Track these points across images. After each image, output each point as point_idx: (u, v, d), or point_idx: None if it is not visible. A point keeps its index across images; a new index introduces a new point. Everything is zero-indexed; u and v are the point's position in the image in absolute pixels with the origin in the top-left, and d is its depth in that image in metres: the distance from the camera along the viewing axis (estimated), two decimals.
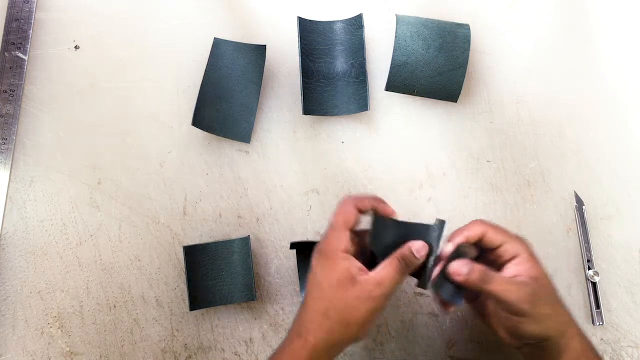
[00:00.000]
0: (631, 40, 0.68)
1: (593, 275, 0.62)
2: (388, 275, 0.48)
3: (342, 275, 0.48)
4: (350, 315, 0.47)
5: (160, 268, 0.60)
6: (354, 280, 0.48)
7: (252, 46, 0.62)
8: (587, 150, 0.66)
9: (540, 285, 0.48)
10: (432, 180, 0.64)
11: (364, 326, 0.48)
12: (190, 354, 0.59)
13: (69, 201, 0.60)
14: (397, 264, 0.48)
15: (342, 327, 0.47)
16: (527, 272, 0.48)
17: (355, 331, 0.48)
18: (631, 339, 0.62)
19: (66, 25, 0.64)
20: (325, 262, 0.49)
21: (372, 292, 0.47)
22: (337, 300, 0.48)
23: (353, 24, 0.64)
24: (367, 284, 0.47)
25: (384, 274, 0.48)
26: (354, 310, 0.47)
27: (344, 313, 0.47)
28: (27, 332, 0.58)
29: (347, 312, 0.47)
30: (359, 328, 0.48)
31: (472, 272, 0.47)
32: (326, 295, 0.48)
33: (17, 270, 0.59)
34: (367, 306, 0.47)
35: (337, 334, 0.48)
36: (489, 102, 0.66)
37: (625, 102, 0.67)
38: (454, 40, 0.61)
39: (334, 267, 0.48)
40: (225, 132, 0.61)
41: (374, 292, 0.47)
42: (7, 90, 0.61)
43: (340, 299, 0.47)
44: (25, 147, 0.61)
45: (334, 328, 0.47)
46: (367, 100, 0.61)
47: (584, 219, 0.64)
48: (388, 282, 0.48)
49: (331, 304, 0.48)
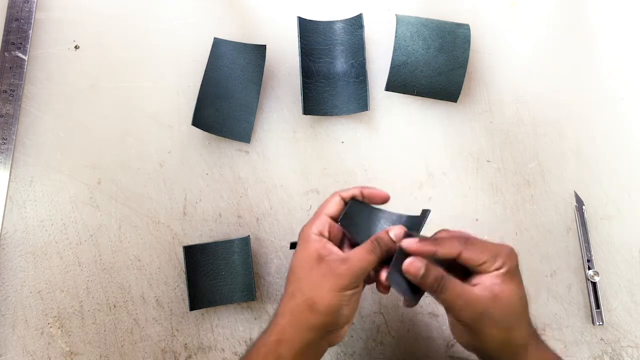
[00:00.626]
0: (631, 40, 0.68)
1: (593, 275, 0.62)
2: (356, 253, 0.46)
3: (310, 255, 0.47)
4: (314, 294, 0.45)
5: (160, 268, 0.60)
6: (321, 259, 0.46)
7: (252, 46, 0.62)
8: (587, 150, 0.66)
9: (498, 305, 0.45)
10: (432, 180, 0.64)
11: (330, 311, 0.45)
12: (190, 354, 0.59)
13: (69, 201, 0.60)
14: (370, 245, 0.47)
15: (307, 308, 0.45)
16: (492, 287, 0.45)
17: (323, 318, 0.45)
18: (631, 339, 0.62)
19: (66, 25, 0.64)
20: (300, 246, 0.48)
21: (337, 269, 0.45)
22: (302, 279, 0.46)
23: (353, 24, 0.64)
24: (333, 261, 0.46)
25: (353, 252, 0.47)
26: (318, 289, 0.45)
27: (308, 292, 0.46)
28: (27, 332, 0.58)
29: (311, 291, 0.45)
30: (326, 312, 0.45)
31: (427, 274, 0.45)
32: (295, 276, 0.47)
33: (17, 270, 0.59)
34: (331, 283, 0.45)
35: (303, 317, 0.46)
36: (489, 102, 0.66)
37: (626, 102, 0.67)
38: (454, 40, 0.61)
39: (306, 248, 0.47)
40: (225, 132, 0.61)
41: (339, 268, 0.45)
42: (7, 90, 0.61)
43: (306, 278, 0.46)
44: (25, 147, 0.61)
45: (300, 309, 0.46)
46: (367, 100, 0.61)
47: (584, 219, 0.64)
48: (355, 260, 0.46)
49: (297, 284, 0.47)
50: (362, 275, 0.46)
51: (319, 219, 0.49)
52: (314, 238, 0.48)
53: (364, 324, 0.60)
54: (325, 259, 0.46)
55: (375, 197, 0.51)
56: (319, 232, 0.48)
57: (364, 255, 0.46)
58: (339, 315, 0.46)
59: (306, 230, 0.49)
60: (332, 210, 0.50)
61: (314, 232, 0.48)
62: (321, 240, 0.48)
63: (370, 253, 0.46)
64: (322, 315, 0.45)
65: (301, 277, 0.47)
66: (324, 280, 0.45)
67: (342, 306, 0.45)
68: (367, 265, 0.46)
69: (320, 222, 0.49)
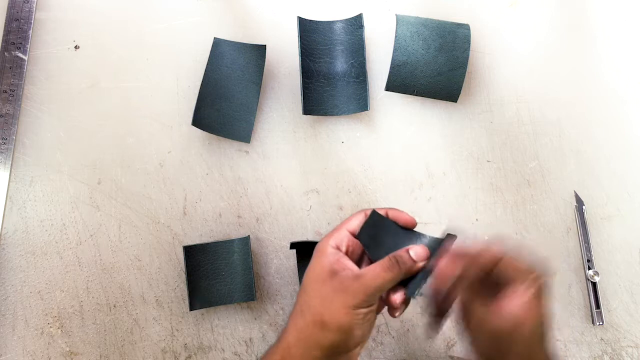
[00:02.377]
0: (631, 40, 0.68)
1: (593, 275, 0.62)
2: (372, 270, 0.43)
3: (323, 269, 0.44)
4: (324, 311, 0.42)
5: (160, 268, 0.60)
6: (334, 274, 0.43)
7: (252, 46, 0.62)
8: (587, 150, 0.66)
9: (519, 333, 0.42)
10: (432, 180, 0.64)
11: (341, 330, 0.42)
12: (190, 354, 0.59)
13: (69, 201, 0.60)
14: (388, 263, 0.44)
15: (316, 326, 0.43)
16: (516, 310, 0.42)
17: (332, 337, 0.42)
18: (631, 339, 0.62)
19: (66, 25, 0.64)
20: (314, 259, 0.46)
21: (350, 285, 0.42)
22: (313, 294, 0.43)
23: (353, 24, 0.64)
24: (346, 277, 0.43)
25: (368, 268, 0.43)
26: (328, 305, 0.42)
27: (318, 308, 0.43)
28: (27, 332, 0.58)
29: (321, 307, 0.43)
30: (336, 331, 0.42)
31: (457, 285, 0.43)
32: (305, 291, 0.44)
33: (17, 270, 0.59)
34: (343, 300, 0.42)
35: (311, 335, 0.43)
36: (489, 102, 0.66)
37: (626, 101, 0.67)
38: (454, 40, 0.61)
39: (320, 262, 0.45)
40: (225, 132, 0.61)
41: (352, 285, 0.42)
42: (7, 90, 0.61)
43: (316, 293, 0.43)
44: (25, 147, 0.61)
45: (308, 327, 0.43)
46: (367, 100, 0.61)
47: (584, 219, 0.64)
48: (370, 277, 0.42)
49: (306, 300, 0.44)
50: (376, 293, 0.43)
51: (337, 232, 0.46)
52: (329, 251, 0.45)
53: None
54: (338, 274, 0.43)
55: (400, 220, 0.48)
56: (336, 246, 0.45)
57: (380, 273, 0.43)
58: (350, 336, 0.43)
59: (322, 243, 0.46)
60: (353, 225, 0.47)
61: (331, 244, 0.45)
62: (336, 253, 0.45)
63: (387, 271, 0.43)
64: (331, 334, 0.42)
65: (311, 293, 0.44)
66: (335, 297, 0.42)
67: (353, 326, 0.43)
68: (382, 284, 0.43)
69: (339, 235, 0.46)
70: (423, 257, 0.44)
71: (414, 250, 0.45)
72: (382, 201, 0.63)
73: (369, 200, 0.63)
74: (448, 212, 0.63)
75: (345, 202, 0.63)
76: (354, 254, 0.47)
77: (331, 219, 0.62)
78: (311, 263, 0.46)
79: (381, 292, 0.44)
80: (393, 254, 0.44)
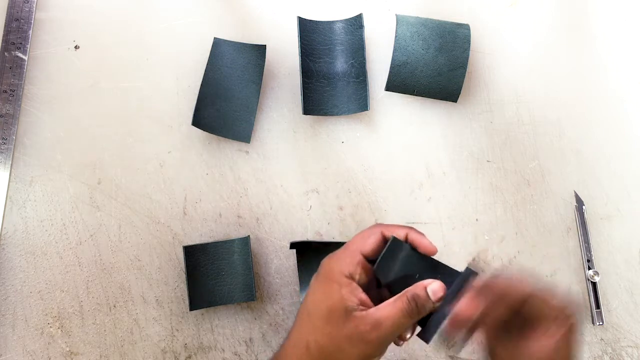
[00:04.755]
0: (631, 40, 0.68)
1: (593, 275, 0.62)
2: (391, 316, 0.39)
3: (335, 304, 0.39)
4: (337, 356, 0.39)
5: (160, 268, 0.60)
6: (349, 314, 0.39)
7: (252, 46, 0.62)
8: (588, 150, 0.66)
9: None
10: (432, 180, 0.64)
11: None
12: (190, 354, 0.59)
13: (69, 201, 0.60)
14: (406, 305, 0.40)
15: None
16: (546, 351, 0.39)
17: None
18: (631, 339, 0.62)
19: (66, 25, 0.64)
20: (322, 285, 0.41)
21: (367, 335, 0.39)
22: (323, 335, 0.39)
23: (353, 24, 0.64)
24: (362, 323, 0.39)
25: (385, 313, 0.39)
26: (341, 353, 0.39)
27: (329, 354, 0.39)
28: (27, 332, 0.58)
29: (333, 353, 0.39)
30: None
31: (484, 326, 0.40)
32: (312, 326, 0.40)
33: (17, 270, 0.59)
34: (358, 351, 0.39)
35: None
36: (489, 102, 0.66)
37: (626, 101, 0.67)
38: (454, 40, 0.61)
39: (330, 293, 0.40)
40: (225, 132, 0.61)
41: (369, 335, 0.39)
42: (7, 90, 0.61)
43: (327, 335, 0.39)
44: (25, 147, 0.61)
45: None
46: (367, 100, 0.61)
47: (584, 219, 0.64)
48: (389, 325, 0.39)
49: (315, 339, 0.40)
50: (392, 340, 0.40)
51: (351, 255, 0.41)
52: (342, 281, 0.40)
53: None
54: (353, 317, 0.39)
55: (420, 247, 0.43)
56: (349, 274, 0.40)
57: (398, 320, 0.39)
58: None
59: (333, 266, 0.41)
60: (368, 248, 0.42)
61: (344, 272, 0.40)
62: (350, 285, 0.40)
63: (405, 316, 0.40)
64: None
65: (320, 330, 0.40)
66: (348, 345, 0.39)
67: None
68: (400, 331, 0.40)
69: (352, 260, 0.41)
70: (440, 296, 0.41)
71: (431, 288, 0.41)
72: (382, 201, 0.63)
73: (369, 200, 0.63)
74: (448, 212, 0.63)
75: (345, 202, 0.63)
76: (364, 280, 0.42)
77: (331, 219, 0.62)
78: (317, 291, 0.41)
79: (396, 336, 0.41)
80: (411, 293, 0.40)
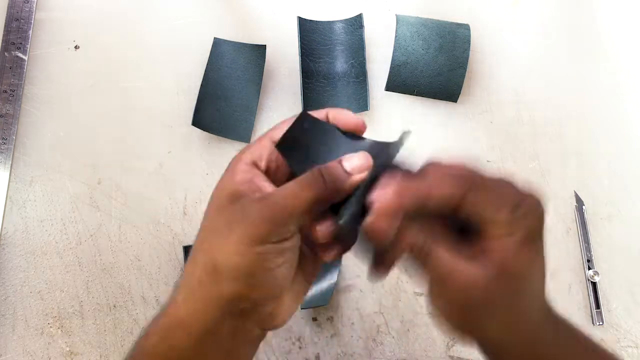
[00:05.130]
0: (632, 40, 0.68)
1: (593, 275, 0.62)
2: (285, 188, 0.31)
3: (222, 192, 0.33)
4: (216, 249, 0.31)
5: (161, 268, 0.60)
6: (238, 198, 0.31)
7: (252, 46, 0.62)
8: (588, 150, 0.66)
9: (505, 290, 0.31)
10: None
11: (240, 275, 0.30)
12: None
13: (69, 201, 0.60)
14: (310, 177, 0.31)
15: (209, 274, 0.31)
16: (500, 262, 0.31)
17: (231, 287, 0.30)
18: (631, 339, 0.62)
19: (66, 25, 0.64)
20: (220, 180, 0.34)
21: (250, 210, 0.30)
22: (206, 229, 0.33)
23: (353, 24, 0.64)
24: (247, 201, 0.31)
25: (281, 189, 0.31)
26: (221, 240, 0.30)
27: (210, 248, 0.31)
28: (27, 332, 0.58)
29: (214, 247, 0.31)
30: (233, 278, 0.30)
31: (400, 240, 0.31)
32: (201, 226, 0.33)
33: (17, 270, 0.59)
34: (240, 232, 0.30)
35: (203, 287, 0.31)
36: (489, 102, 0.66)
37: (626, 101, 0.67)
38: (454, 40, 0.61)
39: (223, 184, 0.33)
40: (225, 132, 0.61)
41: (253, 209, 0.30)
42: (7, 90, 0.61)
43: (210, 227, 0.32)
44: (25, 147, 0.61)
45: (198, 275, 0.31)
46: (367, 100, 0.61)
47: (584, 219, 0.64)
48: (279, 197, 0.30)
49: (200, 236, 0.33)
50: (288, 220, 0.30)
51: (259, 143, 0.34)
52: (240, 168, 0.33)
53: (363, 324, 0.60)
54: (242, 198, 0.31)
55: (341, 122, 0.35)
56: (252, 161, 0.33)
57: (294, 191, 0.30)
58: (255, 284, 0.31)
59: (238, 156, 0.34)
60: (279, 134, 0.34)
61: (244, 160, 0.33)
62: (249, 171, 0.32)
63: (306, 189, 0.30)
64: (227, 283, 0.30)
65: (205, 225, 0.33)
66: (229, 230, 0.30)
67: (256, 268, 0.30)
68: (298, 206, 0.30)
69: (259, 147, 0.34)
70: (361, 168, 0.32)
71: (349, 160, 0.32)
72: None
73: None
74: None
75: None
76: (279, 174, 0.34)
77: None
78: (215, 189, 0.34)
79: (296, 218, 0.30)
80: (320, 166, 0.31)
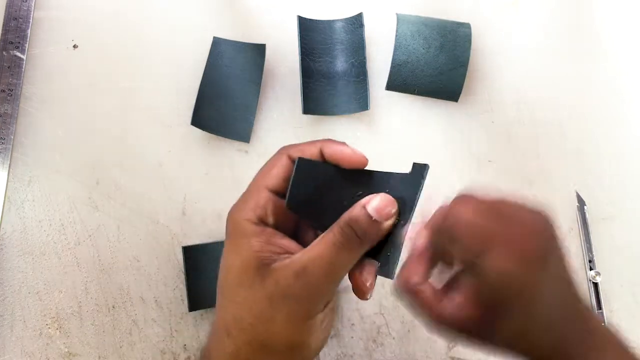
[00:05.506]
0: (633, 40, 0.68)
1: (595, 276, 0.62)
2: (320, 255, 0.29)
3: (245, 263, 0.30)
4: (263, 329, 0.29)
5: (160, 268, 0.60)
6: (265, 269, 0.29)
7: (251, 45, 0.62)
8: (589, 151, 0.65)
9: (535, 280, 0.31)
10: (432, 180, 0.63)
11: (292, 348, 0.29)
12: (190, 355, 0.59)
13: (68, 201, 0.60)
14: (339, 235, 0.29)
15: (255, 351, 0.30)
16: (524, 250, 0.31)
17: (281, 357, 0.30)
18: (633, 340, 0.62)
19: (65, 24, 0.63)
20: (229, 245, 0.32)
21: (291, 288, 0.29)
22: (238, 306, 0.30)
23: (353, 23, 0.63)
24: (282, 276, 0.29)
25: (313, 253, 0.29)
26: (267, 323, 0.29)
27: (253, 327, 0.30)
28: (25, 332, 0.58)
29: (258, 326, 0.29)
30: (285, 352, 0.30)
31: None
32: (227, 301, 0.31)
33: (15, 270, 0.58)
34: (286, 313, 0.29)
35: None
36: (490, 102, 0.65)
37: (628, 101, 0.67)
38: (455, 39, 0.61)
39: (237, 251, 0.31)
40: (225, 131, 0.61)
41: (294, 287, 0.29)
42: (5, 89, 0.60)
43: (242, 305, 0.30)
44: (23, 147, 0.61)
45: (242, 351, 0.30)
46: (368, 99, 0.61)
47: (586, 220, 0.63)
48: (318, 267, 0.29)
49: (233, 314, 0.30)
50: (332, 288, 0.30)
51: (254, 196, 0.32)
52: (249, 230, 0.31)
53: (364, 325, 0.60)
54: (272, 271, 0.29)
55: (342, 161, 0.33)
56: (257, 219, 0.31)
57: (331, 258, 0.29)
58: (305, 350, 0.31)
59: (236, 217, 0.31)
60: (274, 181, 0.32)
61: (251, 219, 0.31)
62: (263, 232, 0.31)
63: (342, 251, 0.29)
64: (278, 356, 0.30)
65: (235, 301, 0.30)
66: (272, 309, 0.29)
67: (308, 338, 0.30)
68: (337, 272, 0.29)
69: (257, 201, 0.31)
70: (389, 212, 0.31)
71: (373, 205, 0.31)
72: None
73: None
74: None
75: None
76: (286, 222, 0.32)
77: None
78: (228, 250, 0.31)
79: (339, 280, 0.30)
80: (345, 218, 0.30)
